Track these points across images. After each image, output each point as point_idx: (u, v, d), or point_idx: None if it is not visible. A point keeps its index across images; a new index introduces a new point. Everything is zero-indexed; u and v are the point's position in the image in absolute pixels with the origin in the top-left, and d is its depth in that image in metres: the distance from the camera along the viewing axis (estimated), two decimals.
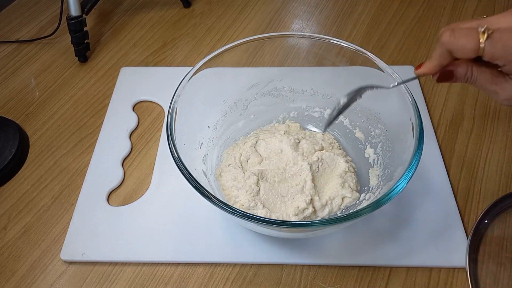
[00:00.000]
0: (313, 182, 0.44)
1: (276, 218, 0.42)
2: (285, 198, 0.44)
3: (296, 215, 0.42)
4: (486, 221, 0.46)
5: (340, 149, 0.50)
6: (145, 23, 0.74)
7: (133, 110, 0.59)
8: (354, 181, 0.45)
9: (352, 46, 0.46)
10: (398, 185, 0.36)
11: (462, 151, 0.54)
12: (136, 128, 0.58)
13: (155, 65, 0.67)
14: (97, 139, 0.56)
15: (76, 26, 0.63)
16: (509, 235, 0.45)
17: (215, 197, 0.36)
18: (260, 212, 0.42)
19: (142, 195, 0.50)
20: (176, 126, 0.41)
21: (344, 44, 0.47)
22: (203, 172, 0.45)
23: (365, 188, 0.46)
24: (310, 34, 0.48)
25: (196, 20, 0.74)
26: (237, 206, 0.43)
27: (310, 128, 0.54)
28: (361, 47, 0.46)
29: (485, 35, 0.31)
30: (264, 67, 0.51)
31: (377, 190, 0.44)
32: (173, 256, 0.45)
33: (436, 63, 0.34)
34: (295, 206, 0.42)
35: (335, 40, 0.47)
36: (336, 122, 0.52)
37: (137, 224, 0.47)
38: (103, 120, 0.58)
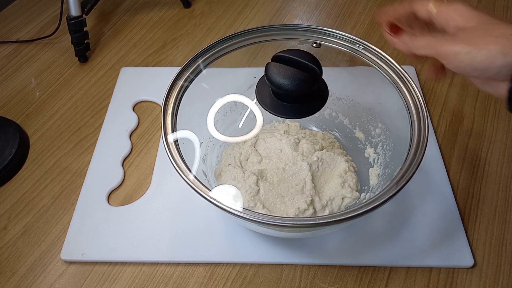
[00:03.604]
0: (313, 182, 0.44)
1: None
2: (285, 198, 0.43)
3: (297, 216, 0.42)
4: None
5: (340, 149, 0.50)
6: (145, 23, 0.74)
7: (133, 110, 0.59)
8: (354, 180, 0.45)
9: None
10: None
11: (462, 151, 0.54)
12: (136, 128, 0.58)
13: (155, 65, 0.67)
14: (97, 139, 0.56)
15: (76, 26, 0.63)
16: None
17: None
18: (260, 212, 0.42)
19: (142, 195, 0.50)
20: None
21: None
22: (203, 171, 0.45)
23: (365, 187, 0.46)
24: None
25: (196, 20, 0.74)
26: None
27: (310, 128, 0.54)
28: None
29: None
30: (264, 67, 0.51)
31: (377, 189, 0.44)
32: (173, 256, 0.45)
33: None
34: (295, 207, 0.42)
35: None
36: (336, 121, 0.53)
37: (137, 224, 0.47)
38: (103, 120, 0.58)
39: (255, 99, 0.42)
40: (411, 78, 0.41)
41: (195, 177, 0.36)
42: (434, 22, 0.36)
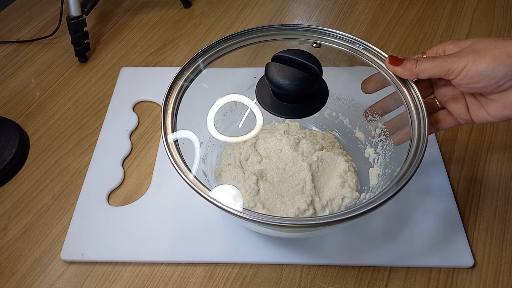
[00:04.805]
0: (313, 182, 0.44)
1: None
2: (285, 198, 0.43)
3: (297, 216, 0.42)
4: None
5: (340, 149, 0.50)
6: (145, 23, 0.74)
7: (133, 110, 0.59)
8: (354, 180, 0.45)
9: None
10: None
11: (462, 151, 0.54)
12: (136, 128, 0.58)
13: (155, 65, 0.67)
14: (97, 139, 0.56)
15: (76, 26, 0.63)
16: None
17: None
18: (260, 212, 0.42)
19: (142, 195, 0.50)
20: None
21: None
22: (203, 171, 0.45)
23: (365, 187, 0.46)
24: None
25: (196, 20, 0.74)
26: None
27: (310, 128, 0.54)
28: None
29: None
30: (264, 67, 0.51)
31: (377, 189, 0.44)
32: (173, 256, 0.45)
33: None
34: (295, 207, 0.42)
35: None
36: (336, 121, 0.53)
37: (137, 224, 0.47)
38: (103, 120, 0.58)
39: (255, 99, 0.42)
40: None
41: (195, 177, 0.36)
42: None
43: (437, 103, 0.42)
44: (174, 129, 0.40)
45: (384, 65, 0.42)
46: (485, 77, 0.35)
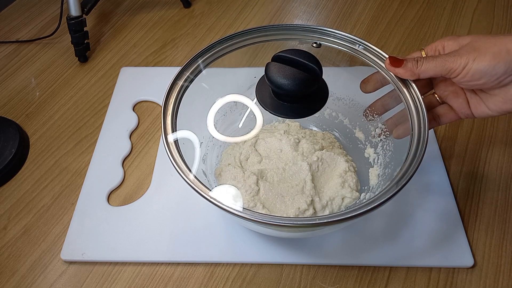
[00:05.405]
0: (313, 182, 0.44)
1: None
2: (285, 198, 0.43)
3: (297, 216, 0.42)
4: None
5: (340, 149, 0.50)
6: (145, 23, 0.74)
7: (133, 110, 0.59)
8: (354, 180, 0.45)
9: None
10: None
11: (462, 151, 0.54)
12: (136, 128, 0.58)
13: (155, 65, 0.67)
14: (97, 139, 0.56)
15: (76, 26, 0.63)
16: None
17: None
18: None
19: (142, 195, 0.50)
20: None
21: None
22: (203, 171, 0.45)
23: (365, 187, 0.46)
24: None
25: (196, 20, 0.74)
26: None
27: (310, 128, 0.54)
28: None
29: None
30: (264, 67, 0.51)
31: (377, 189, 0.44)
32: (173, 256, 0.45)
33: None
34: (296, 207, 0.42)
35: None
36: (336, 121, 0.53)
37: (137, 224, 0.47)
38: (103, 120, 0.58)
39: (255, 99, 0.42)
40: None
41: (195, 177, 0.36)
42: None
43: (437, 98, 0.42)
44: (174, 129, 0.40)
45: (384, 65, 0.42)
46: (485, 74, 0.35)
